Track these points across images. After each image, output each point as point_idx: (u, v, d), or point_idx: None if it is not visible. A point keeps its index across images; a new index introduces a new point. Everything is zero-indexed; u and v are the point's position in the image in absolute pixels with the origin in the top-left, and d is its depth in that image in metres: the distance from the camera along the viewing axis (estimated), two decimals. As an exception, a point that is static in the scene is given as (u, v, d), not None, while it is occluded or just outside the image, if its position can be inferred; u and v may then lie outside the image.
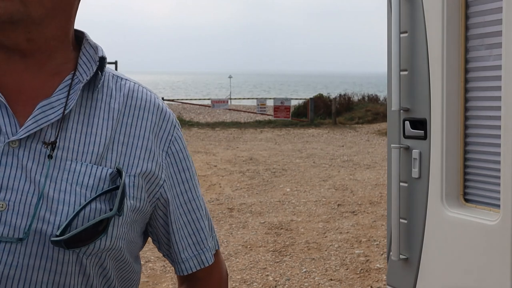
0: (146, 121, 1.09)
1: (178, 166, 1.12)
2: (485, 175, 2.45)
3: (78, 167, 1.00)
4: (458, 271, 2.48)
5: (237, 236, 6.82)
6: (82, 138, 1.02)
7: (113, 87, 1.10)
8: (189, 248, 1.14)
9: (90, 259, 1.00)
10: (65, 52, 1.07)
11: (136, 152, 1.06)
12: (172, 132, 1.13)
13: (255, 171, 10.95)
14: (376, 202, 8.29)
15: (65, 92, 1.03)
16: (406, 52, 2.72)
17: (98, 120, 1.04)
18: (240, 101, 32.13)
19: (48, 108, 1.01)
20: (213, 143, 15.64)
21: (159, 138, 1.10)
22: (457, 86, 2.52)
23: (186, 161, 1.14)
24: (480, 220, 2.37)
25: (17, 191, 0.96)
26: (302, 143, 15.45)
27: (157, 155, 1.08)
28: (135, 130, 1.07)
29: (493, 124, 2.38)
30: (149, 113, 1.10)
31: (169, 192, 1.10)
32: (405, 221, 2.80)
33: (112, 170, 1.02)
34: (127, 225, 1.04)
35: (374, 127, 18.92)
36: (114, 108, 1.07)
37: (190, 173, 1.14)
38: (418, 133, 2.70)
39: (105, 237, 0.99)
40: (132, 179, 1.04)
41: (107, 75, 1.10)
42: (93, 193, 0.99)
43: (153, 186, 1.08)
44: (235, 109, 24.90)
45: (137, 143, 1.06)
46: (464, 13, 2.49)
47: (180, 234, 1.13)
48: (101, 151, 1.02)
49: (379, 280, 5.37)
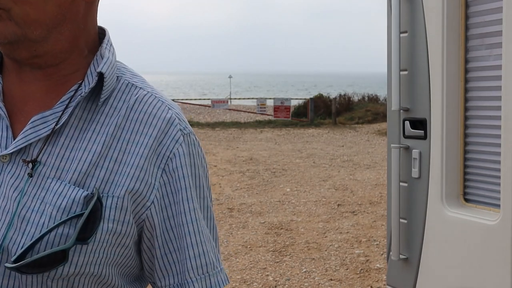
0: (144, 137, 1.01)
1: (172, 186, 1.01)
2: (485, 175, 2.45)
3: (57, 186, 0.96)
4: (458, 271, 2.48)
5: (237, 236, 6.82)
6: (69, 154, 0.98)
7: (122, 97, 1.04)
8: (172, 278, 1.03)
9: (57, 283, 0.96)
10: (75, 60, 1.03)
11: (125, 170, 0.98)
12: (172, 148, 1.01)
13: (255, 171, 10.95)
14: (376, 202, 8.29)
15: (65, 104, 1.00)
16: (406, 52, 2.72)
17: (91, 135, 0.99)
18: (240, 101, 32.13)
19: (40, 123, 0.98)
20: (213, 143, 15.65)
21: (157, 154, 1.00)
22: (457, 86, 2.52)
23: (183, 180, 1.02)
24: (480, 220, 2.37)
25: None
26: (302, 143, 15.45)
27: (149, 173, 0.99)
28: (131, 147, 1.00)
29: (493, 124, 2.38)
30: (151, 127, 1.01)
31: (157, 215, 1.01)
32: (405, 221, 2.80)
33: (87, 193, 0.95)
34: (104, 249, 0.97)
35: (374, 127, 18.92)
36: (113, 122, 1.01)
37: (187, 194, 1.02)
38: (418, 133, 2.70)
39: (68, 264, 0.94)
40: (115, 200, 0.97)
41: (121, 83, 1.05)
42: (64, 216, 0.94)
43: (139, 207, 1.00)
44: (235, 109, 24.91)
45: (129, 161, 0.99)
46: (464, 13, 2.49)
47: (164, 261, 1.03)
48: (85, 169, 0.97)
49: (379, 280, 5.36)
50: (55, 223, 0.93)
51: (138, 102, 1.03)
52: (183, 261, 1.02)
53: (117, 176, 0.98)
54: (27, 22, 0.95)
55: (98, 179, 0.97)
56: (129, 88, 1.05)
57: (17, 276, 0.94)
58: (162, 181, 1.01)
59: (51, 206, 0.94)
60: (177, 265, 1.03)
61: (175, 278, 1.03)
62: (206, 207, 1.07)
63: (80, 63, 1.04)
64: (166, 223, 1.02)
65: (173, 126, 1.03)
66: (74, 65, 1.03)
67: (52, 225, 0.93)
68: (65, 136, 0.99)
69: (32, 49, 0.98)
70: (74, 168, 0.97)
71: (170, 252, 1.02)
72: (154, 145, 1.01)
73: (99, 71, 1.00)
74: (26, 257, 0.91)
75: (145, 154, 1.00)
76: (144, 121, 1.02)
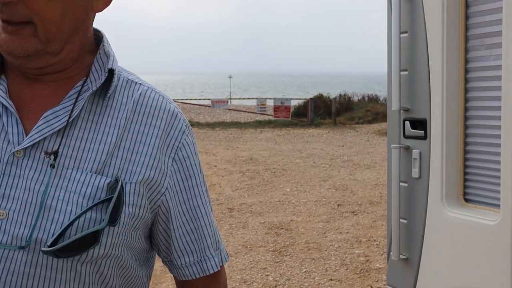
0: (153, 128, 1.09)
1: (184, 173, 1.12)
2: (485, 175, 2.45)
3: (78, 175, 1.01)
4: (458, 271, 2.48)
5: (237, 236, 6.82)
6: (87, 145, 1.04)
7: (125, 93, 1.11)
8: (192, 255, 1.14)
9: (86, 267, 1.02)
10: (80, 62, 1.09)
11: (140, 159, 1.06)
12: (180, 138, 1.12)
13: (255, 171, 10.95)
14: (376, 202, 8.29)
15: (73, 99, 1.05)
16: (406, 52, 2.72)
17: (104, 128, 1.06)
18: (240, 101, 32.12)
19: (53, 117, 1.03)
20: (213, 143, 15.65)
21: (167, 145, 1.10)
22: (457, 86, 2.53)
23: (193, 168, 1.13)
24: (480, 220, 2.37)
25: (18, 200, 0.99)
26: (302, 143, 15.45)
27: (161, 162, 1.08)
28: (142, 137, 1.08)
29: (493, 124, 2.38)
30: (158, 119, 1.10)
31: (172, 200, 1.10)
32: (405, 221, 2.80)
33: (110, 180, 1.02)
34: (126, 232, 1.05)
35: (374, 127, 18.92)
36: (123, 115, 1.08)
37: (197, 180, 1.14)
38: (418, 133, 2.70)
39: (98, 246, 1.01)
40: (134, 186, 1.05)
41: (121, 79, 1.12)
42: (90, 203, 1.00)
43: (154, 193, 1.08)
44: (235, 109, 24.91)
45: (142, 150, 1.07)
46: (464, 13, 2.49)
47: (183, 241, 1.13)
48: (103, 159, 1.04)
49: (379, 280, 5.37)
50: (83, 209, 0.99)
51: (142, 97, 1.11)
52: (201, 239, 1.14)
53: (131, 164, 1.06)
54: (49, 39, 1.01)
55: (115, 167, 1.04)
56: (130, 84, 1.13)
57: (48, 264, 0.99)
58: (173, 169, 1.10)
59: (76, 194, 1.00)
60: (196, 243, 1.14)
61: (195, 255, 1.14)
62: (206, 192, 1.18)
63: (84, 63, 1.10)
64: (182, 206, 1.12)
65: (178, 119, 1.13)
66: (79, 67, 1.09)
67: (80, 211, 0.99)
68: (78, 129, 1.05)
69: (45, 61, 1.03)
70: (93, 158, 1.03)
71: (188, 233, 1.13)
72: (163, 136, 1.09)
73: (109, 68, 1.08)
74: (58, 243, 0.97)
75: (157, 144, 1.08)
76: (151, 113, 1.10)
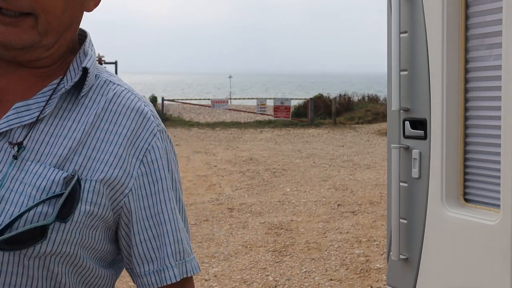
0: (122, 128, 1.06)
1: (150, 176, 1.07)
2: (485, 175, 2.45)
3: (37, 168, 1.00)
4: (458, 271, 2.48)
5: (237, 236, 6.82)
6: (51, 140, 1.02)
7: (101, 91, 1.09)
8: (152, 263, 1.07)
9: (34, 262, 0.99)
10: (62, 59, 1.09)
11: (104, 157, 1.03)
12: (150, 141, 1.07)
13: (255, 171, 10.95)
14: (376, 202, 8.29)
15: (47, 95, 1.04)
16: (406, 52, 2.72)
17: (72, 124, 1.04)
18: (240, 101, 32.13)
19: (24, 110, 1.02)
20: (213, 143, 15.65)
21: (135, 146, 1.06)
22: (457, 86, 2.53)
23: (160, 171, 1.08)
24: (480, 220, 2.37)
25: None
26: (302, 143, 15.45)
27: (127, 162, 1.05)
28: (109, 136, 1.05)
29: (493, 124, 2.38)
30: (128, 119, 1.07)
31: (134, 203, 1.06)
32: (405, 221, 2.80)
33: (67, 174, 1.00)
34: (81, 231, 1.02)
35: (374, 127, 18.92)
36: (93, 113, 1.06)
37: (163, 184, 1.08)
38: (418, 133, 2.70)
39: (46, 242, 0.98)
40: (93, 184, 1.02)
41: (100, 79, 1.10)
42: (44, 196, 0.98)
43: (117, 193, 1.04)
44: (235, 109, 24.91)
45: (108, 149, 1.04)
46: (464, 13, 2.49)
47: (143, 247, 1.07)
48: (65, 154, 1.02)
49: (379, 280, 5.37)
50: (35, 202, 0.97)
51: (116, 96, 1.09)
52: (162, 248, 1.07)
53: (94, 162, 1.03)
54: (48, 31, 1.00)
55: (77, 164, 1.02)
56: (107, 84, 1.10)
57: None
58: (140, 172, 1.06)
59: (30, 187, 0.98)
60: (156, 251, 1.07)
61: (154, 264, 1.08)
62: (179, 199, 1.13)
63: (65, 62, 1.10)
64: (145, 211, 1.07)
65: (149, 121, 1.09)
66: (60, 66, 1.09)
67: (32, 204, 0.97)
68: (45, 123, 1.04)
69: (38, 54, 1.03)
70: (55, 152, 1.01)
71: (149, 239, 1.07)
72: (132, 137, 1.06)
73: (84, 66, 1.06)
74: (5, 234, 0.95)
75: (123, 144, 1.05)
76: (123, 113, 1.07)
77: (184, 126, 20.07)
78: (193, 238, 6.67)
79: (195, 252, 6.16)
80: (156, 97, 22.55)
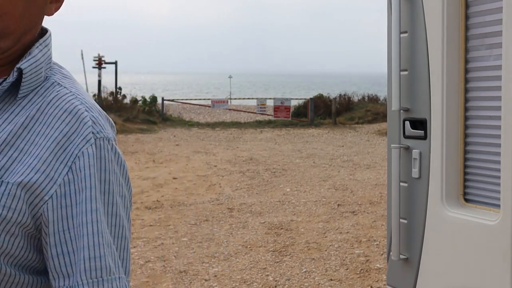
0: (54, 131, 1.00)
1: (77, 185, 0.99)
2: (485, 175, 2.45)
3: None
4: (458, 271, 2.48)
5: (237, 236, 6.82)
6: None
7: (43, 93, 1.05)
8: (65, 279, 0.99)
9: None
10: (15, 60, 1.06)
11: (28, 160, 0.98)
12: (82, 146, 1.00)
13: (255, 171, 10.95)
14: (376, 202, 8.29)
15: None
16: (406, 52, 2.72)
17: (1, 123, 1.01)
18: (240, 101, 32.13)
19: None
20: (213, 143, 15.65)
21: (65, 151, 1.00)
22: (457, 86, 2.53)
23: (87, 180, 0.99)
24: (480, 220, 2.37)
25: None
26: (302, 143, 15.45)
27: (52, 167, 0.99)
28: (40, 138, 1.00)
29: (493, 124, 2.38)
30: (62, 123, 1.01)
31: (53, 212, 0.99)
32: (405, 221, 2.80)
33: None
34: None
35: (374, 127, 18.92)
36: (25, 114, 1.02)
37: (89, 194, 0.99)
38: (418, 133, 2.70)
39: None
40: (9, 186, 0.97)
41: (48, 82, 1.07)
42: None
43: (36, 199, 0.98)
44: (235, 109, 24.91)
45: (34, 152, 0.99)
46: (464, 13, 2.49)
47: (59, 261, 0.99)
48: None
49: (379, 280, 5.37)
50: None
51: (56, 98, 1.04)
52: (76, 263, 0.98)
53: (18, 164, 0.98)
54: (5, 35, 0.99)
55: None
56: (54, 86, 1.06)
57: None
58: (67, 179, 0.99)
59: None
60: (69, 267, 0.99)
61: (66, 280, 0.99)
62: (115, 214, 1.03)
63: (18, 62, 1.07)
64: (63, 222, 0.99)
65: (85, 127, 1.02)
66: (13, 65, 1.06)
67: None
68: None
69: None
70: None
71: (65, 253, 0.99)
72: (62, 140, 1.00)
73: (18, 67, 1.02)
74: None
75: (51, 148, 0.99)
76: (58, 116, 1.02)
77: (184, 126, 20.08)
78: (193, 238, 6.68)
79: (195, 252, 6.17)
80: (156, 97, 22.52)
